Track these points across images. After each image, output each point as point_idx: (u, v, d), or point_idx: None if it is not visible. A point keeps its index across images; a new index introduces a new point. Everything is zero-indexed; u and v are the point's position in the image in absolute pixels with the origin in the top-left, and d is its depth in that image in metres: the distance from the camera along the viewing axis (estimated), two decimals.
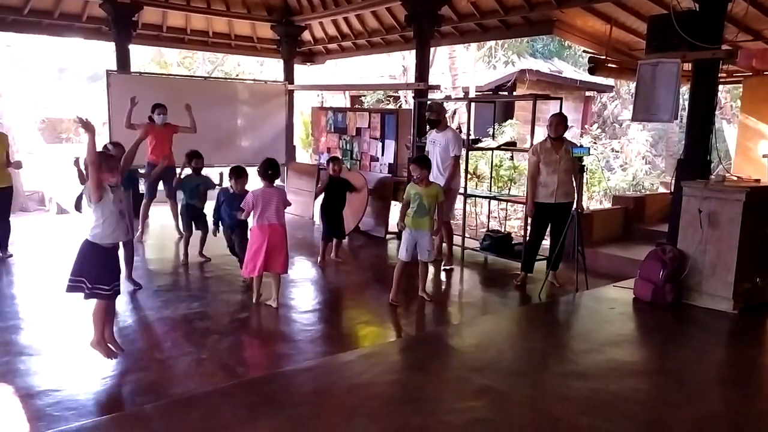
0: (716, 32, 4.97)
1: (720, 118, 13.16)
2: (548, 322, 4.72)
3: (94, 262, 3.46)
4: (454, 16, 7.99)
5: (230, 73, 17.21)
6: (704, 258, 4.64)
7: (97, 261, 3.46)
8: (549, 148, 5.33)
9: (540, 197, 5.39)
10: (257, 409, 2.92)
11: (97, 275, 3.45)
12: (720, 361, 3.96)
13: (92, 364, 3.58)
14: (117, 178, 3.49)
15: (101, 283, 3.46)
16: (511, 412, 3.03)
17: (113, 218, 3.45)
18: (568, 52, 15.07)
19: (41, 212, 11.07)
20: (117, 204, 3.46)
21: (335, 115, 8.95)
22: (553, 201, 5.32)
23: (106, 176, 3.40)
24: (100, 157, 3.41)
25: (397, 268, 4.93)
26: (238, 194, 5.19)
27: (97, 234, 3.44)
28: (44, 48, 19.02)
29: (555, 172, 5.29)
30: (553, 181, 5.30)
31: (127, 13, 8.50)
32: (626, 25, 7.19)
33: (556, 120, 5.32)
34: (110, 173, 3.42)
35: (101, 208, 3.41)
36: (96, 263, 3.46)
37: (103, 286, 3.47)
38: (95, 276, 3.44)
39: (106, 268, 3.50)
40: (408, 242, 4.86)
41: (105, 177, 3.40)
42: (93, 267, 3.45)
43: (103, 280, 3.47)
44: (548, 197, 5.34)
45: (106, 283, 3.48)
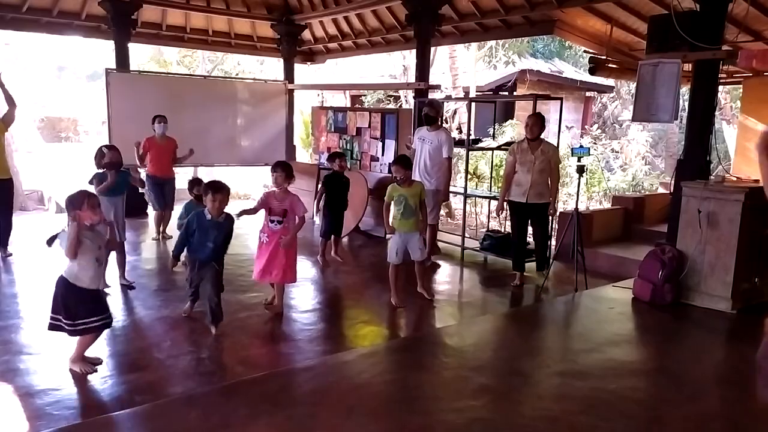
0: (717, 33, 4.98)
1: (720, 119, 13.16)
2: (547, 322, 4.73)
3: (70, 299, 3.35)
4: (454, 15, 7.99)
5: (230, 72, 17.20)
6: (703, 258, 4.65)
7: (73, 298, 3.35)
8: (525, 148, 5.41)
9: (513, 196, 5.47)
10: (257, 408, 2.92)
11: (74, 311, 3.35)
12: (718, 360, 3.97)
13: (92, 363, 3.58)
14: (99, 216, 3.38)
15: (81, 318, 3.36)
16: (510, 411, 3.03)
17: (90, 266, 3.35)
18: (569, 53, 15.07)
19: (40, 211, 11.07)
20: (95, 251, 3.36)
21: (335, 114, 8.94)
22: (525, 201, 5.38)
23: (86, 215, 3.30)
24: (79, 195, 3.33)
25: (391, 272, 4.94)
26: (216, 222, 4.05)
27: (74, 276, 3.34)
28: (43, 46, 19.02)
29: (529, 172, 5.34)
30: (527, 180, 5.34)
31: (126, 11, 8.49)
32: (627, 25, 7.20)
33: (532, 121, 5.38)
34: (92, 212, 3.33)
35: (78, 257, 3.32)
36: (72, 300, 3.35)
37: (88, 319, 3.38)
38: (72, 312, 3.34)
39: (83, 303, 3.38)
40: (398, 245, 4.86)
41: (86, 216, 3.30)
42: (69, 304, 3.35)
43: (83, 314, 3.37)
44: (520, 196, 5.41)
45: (91, 315, 3.39)
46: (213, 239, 4.05)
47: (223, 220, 4.09)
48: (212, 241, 4.05)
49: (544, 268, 5.62)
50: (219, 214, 4.05)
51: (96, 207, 3.39)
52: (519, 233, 5.62)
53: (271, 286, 4.77)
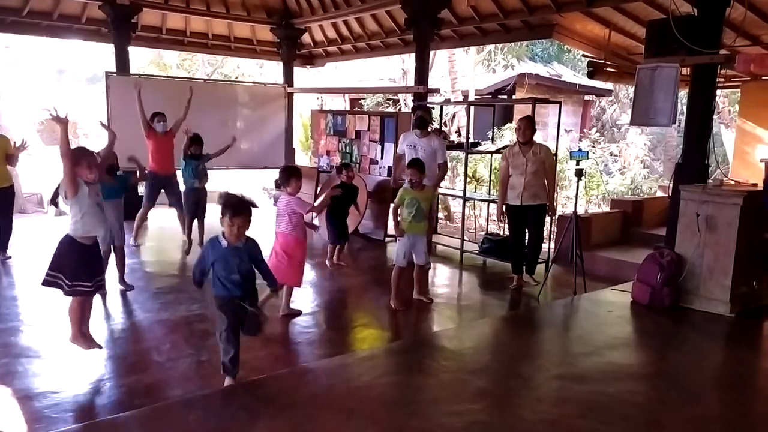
0: (714, 37, 5.01)
1: (718, 123, 13.20)
2: (546, 325, 4.73)
3: (72, 258, 3.42)
4: (453, 19, 8.02)
5: (230, 76, 17.23)
6: (702, 261, 4.66)
7: (76, 257, 3.43)
8: (517, 151, 5.44)
9: (509, 199, 5.51)
10: (256, 411, 2.93)
11: (75, 271, 3.42)
12: (717, 364, 3.97)
13: (91, 366, 3.58)
14: (95, 174, 3.45)
15: (80, 280, 3.43)
16: (509, 414, 3.04)
17: (91, 212, 3.42)
18: (568, 56, 15.12)
19: (39, 214, 11.05)
20: (93, 197, 3.44)
21: (335, 117, 8.96)
22: (520, 203, 5.41)
23: (83, 172, 3.39)
24: (77, 153, 3.39)
25: (395, 274, 4.93)
26: (234, 248, 3.17)
27: (77, 229, 3.42)
28: (43, 49, 19.03)
29: (522, 175, 5.37)
30: (520, 183, 5.37)
31: (126, 14, 8.52)
32: (625, 29, 7.23)
33: (524, 124, 5.42)
34: (88, 169, 3.40)
35: (77, 203, 3.39)
36: (75, 259, 3.42)
37: (83, 282, 3.44)
38: (74, 272, 3.41)
39: (85, 264, 3.47)
40: (405, 248, 4.87)
41: (82, 173, 3.39)
42: (71, 263, 3.42)
43: (83, 276, 3.44)
44: (515, 199, 5.44)
45: (86, 279, 3.46)
46: (237, 269, 3.18)
47: (243, 244, 3.20)
48: (236, 272, 3.19)
49: (533, 272, 5.63)
50: (238, 240, 3.18)
51: (93, 166, 3.44)
52: (516, 236, 5.63)
53: None
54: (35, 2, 8.34)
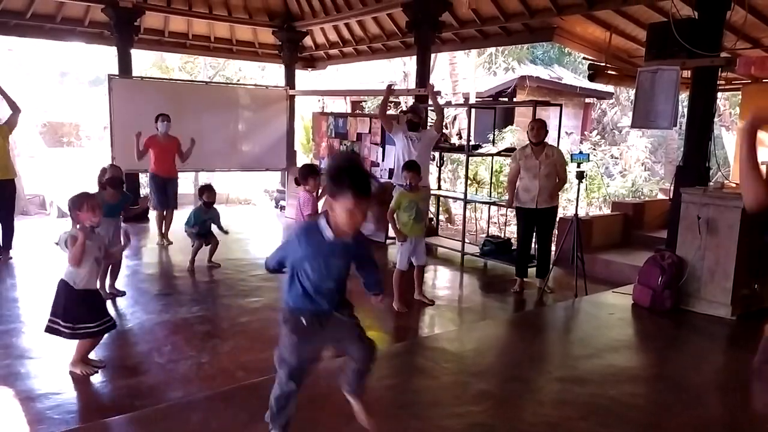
0: (715, 40, 5.01)
1: (719, 125, 13.19)
2: (547, 328, 4.73)
3: (71, 303, 3.41)
4: (454, 22, 8.04)
5: (231, 78, 17.26)
6: (703, 264, 4.65)
7: (75, 301, 3.42)
8: (529, 153, 5.40)
9: (523, 202, 5.45)
10: (257, 414, 2.92)
11: (77, 314, 3.41)
12: (718, 367, 3.97)
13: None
14: (98, 218, 3.45)
15: (84, 322, 3.42)
16: (510, 417, 3.04)
17: (90, 267, 3.43)
18: (568, 59, 15.13)
19: (42, 216, 11.08)
20: (95, 253, 3.44)
21: (336, 120, 8.98)
22: (535, 206, 5.37)
23: (86, 216, 3.37)
24: (80, 197, 3.39)
25: (397, 277, 4.93)
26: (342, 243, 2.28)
27: (73, 280, 3.41)
28: (46, 52, 19.08)
29: (536, 178, 5.34)
30: (535, 186, 5.34)
31: (128, 17, 8.55)
32: (626, 32, 7.24)
33: (538, 125, 5.39)
34: (91, 212, 3.39)
35: None
36: (74, 303, 3.42)
37: (88, 323, 3.44)
38: (75, 316, 3.40)
39: (86, 306, 3.46)
40: (408, 251, 4.87)
41: (85, 218, 3.37)
42: (71, 307, 3.41)
43: (85, 317, 3.43)
44: (530, 202, 5.40)
45: (90, 320, 3.45)
46: (337, 273, 2.37)
47: (353, 240, 2.29)
48: (334, 277, 2.38)
49: (545, 275, 5.62)
50: (354, 231, 2.25)
51: (96, 208, 3.43)
52: (525, 239, 5.61)
53: None
54: (38, 5, 8.38)
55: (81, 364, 3.51)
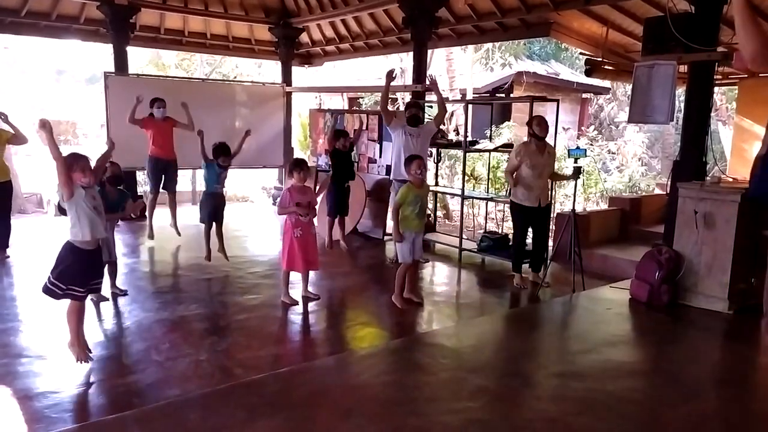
0: (711, 34, 5.01)
1: (715, 120, 13.20)
2: (545, 323, 4.74)
3: (70, 263, 3.45)
4: (451, 18, 8.02)
5: (228, 75, 17.21)
6: (700, 259, 4.67)
7: (74, 263, 3.45)
8: (534, 150, 5.34)
9: (525, 200, 5.41)
10: (255, 411, 2.93)
11: (71, 276, 3.45)
12: (715, 361, 3.99)
13: (90, 366, 3.59)
14: (89, 178, 3.46)
15: (74, 284, 3.47)
16: (508, 412, 3.05)
17: (88, 216, 3.43)
18: (565, 54, 15.12)
19: (39, 214, 11.06)
20: (90, 201, 3.45)
21: (333, 116, 8.96)
22: (538, 205, 5.37)
23: (78, 176, 3.40)
24: (70, 158, 3.41)
25: (401, 272, 4.87)
26: None
27: (76, 233, 3.44)
28: (42, 50, 19.02)
29: (540, 177, 5.34)
30: (538, 185, 5.34)
31: (124, 14, 8.52)
32: (622, 27, 7.23)
33: (537, 121, 5.34)
34: (82, 173, 3.41)
35: (74, 207, 3.41)
36: (72, 264, 3.45)
37: (77, 287, 3.48)
38: (69, 277, 3.44)
39: (82, 269, 3.49)
40: (410, 245, 4.80)
41: (77, 177, 3.40)
42: (68, 268, 3.45)
43: (77, 281, 3.47)
44: (533, 201, 5.37)
45: (80, 284, 3.49)
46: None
47: None
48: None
49: (539, 269, 5.64)
50: None
51: (86, 169, 3.45)
52: (522, 235, 5.61)
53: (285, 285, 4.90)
54: (33, 3, 8.34)
55: (77, 347, 3.54)
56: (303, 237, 4.78)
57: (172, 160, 7.14)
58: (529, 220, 5.52)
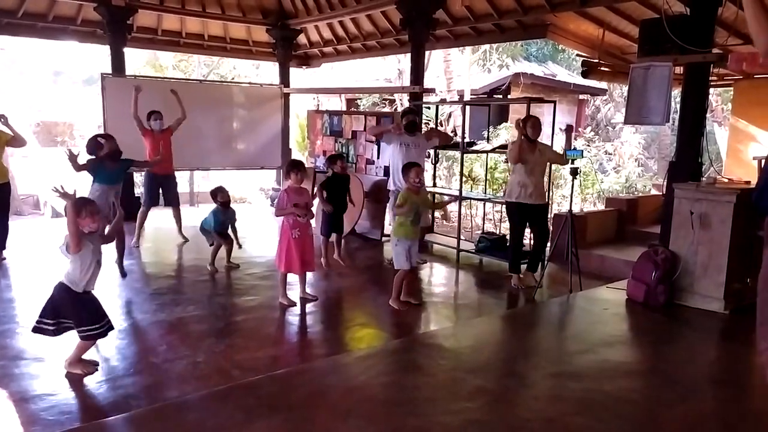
0: (707, 36, 5.03)
1: (711, 121, 13.23)
2: (542, 323, 4.75)
3: (77, 306, 3.44)
4: (448, 19, 8.04)
5: (226, 77, 17.21)
6: (696, 259, 4.69)
7: (80, 305, 3.44)
8: (525, 148, 5.38)
9: (520, 198, 5.44)
10: (253, 412, 2.94)
11: (80, 317, 3.44)
12: (712, 361, 4.01)
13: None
14: (98, 224, 3.44)
15: (89, 324, 3.45)
16: (506, 412, 3.05)
17: (91, 269, 3.43)
18: (562, 56, 15.16)
19: (36, 216, 11.05)
20: (96, 254, 3.45)
21: (331, 118, 8.97)
22: (532, 202, 5.40)
23: (86, 222, 3.36)
24: (78, 204, 3.37)
25: (400, 277, 4.86)
26: None
27: (74, 282, 3.41)
28: (39, 51, 18.99)
29: (533, 174, 5.37)
30: (531, 182, 5.37)
31: (121, 16, 8.51)
32: (619, 29, 7.26)
33: (531, 122, 5.38)
34: (90, 219, 3.38)
35: (80, 260, 3.40)
36: (80, 307, 3.44)
37: (91, 326, 3.46)
38: (80, 318, 3.43)
39: (92, 309, 3.49)
40: (406, 251, 4.79)
41: (85, 224, 3.36)
42: (79, 310, 3.44)
43: (91, 320, 3.46)
44: (527, 198, 5.41)
45: (93, 322, 3.47)
46: None
47: None
48: None
49: (536, 269, 5.66)
50: None
51: (95, 214, 3.42)
52: (519, 234, 5.63)
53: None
54: (30, 4, 8.33)
55: (79, 364, 3.51)
56: (301, 238, 4.78)
57: (169, 175, 7.12)
58: (523, 218, 5.54)
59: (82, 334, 3.46)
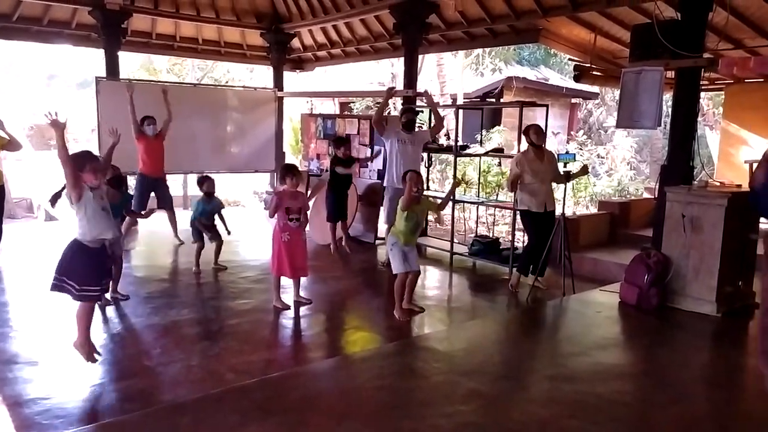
0: (698, 41, 5.08)
1: (702, 125, 13.36)
2: (536, 326, 4.77)
3: (80, 263, 3.41)
4: (441, 24, 8.08)
5: (220, 80, 17.20)
6: (688, 262, 4.71)
7: (84, 261, 3.42)
8: (533, 158, 5.43)
9: (531, 206, 5.45)
10: (247, 416, 2.93)
11: (85, 276, 3.42)
12: (704, 363, 4.03)
13: (81, 371, 3.57)
14: (99, 180, 3.44)
15: (89, 285, 3.43)
16: (500, 415, 3.06)
17: (98, 216, 3.41)
18: (554, 60, 15.25)
19: (29, 219, 10.99)
20: (99, 201, 3.43)
21: (324, 121, 8.98)
22: (545, 210, 5.41)
23: (87, 177, 3.36)
24: (80, 157, 3.38)
25: (399, 284, 4.78)
26: None
27: (84, 233, 3.41)
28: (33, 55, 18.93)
29: (543, 182, 5.40)
30: (542, 190, 5.39)
31: (116, 20, 8.50)
32: (610, 33, 7.32)
33: (533, 130, 5.44)
34: (92, 174, 3.38)
35: (83, 208, 3.38)
36: (83, 263, 3.42)
37: (92, 286, 3.45)
38: (83, 277, 3.41)
39: (93, 268, 3.46)
40: (402, 256, 4.72)
41: (87, 178, 3.36)
42: (80, 267, 3.41)
43: (91, 280, 3.44)
44: (539, 206, 5.42)
45: (95, 283, 3.46)
46: None
47: None
48: None
49: (544, 273, 5.68)
50: None
51: (98, 171, 3.42)
52: (539, 242, 5.47)
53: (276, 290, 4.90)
54: (25, 8, 8.31)
55: (85, 347, 3.51)
56: (291, 242, 4.73)
57: (160, 178, 7.18)
58: (539, 225, 5.52)
59: (81, 293, 3.41)
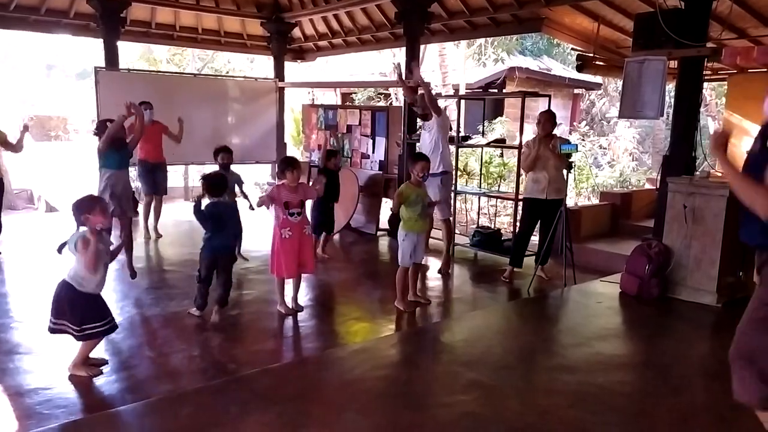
0: (701, 30, 5.04)
1: (705, 115, 13.29)
2: (537, 317, 4.77)
3: (77, 304, 3.35)
4: (443, 13, 8.02)
5: (220, 70, 17.13)
6: (689, 253, 4.71)
7: (81, 303, 3.35)
8: (539, 144, 5.39)
9: (532, 193, 5.45)
10: (248, 406, 2.94)
11: (84, 314, 3.35)
12: (704, 354, 4.03)
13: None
14: (109, 220, 3.43)
15: (92, 322, 3.37)
16: (500, 405, 3.07)
17: (99, 272, 3.38)
18: (557, 50, 15.15)
19: (30, 210, 10.99)
20: (104, 258, 3.40)
21: (326, 112, 8.95)
22: (545, 197, 5.39)
23: (97, 219, 3.31)
24: (88, 201, 3.35)
25: (401, 276, 4.73)
26: None
27: (79, 283, 3.34)
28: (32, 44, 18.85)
29: (545, 168, 5.36)
30: (544, 177, 5.36)
31: (115, 9, 8.44)
32: (613, 23, 7.26)
33: (545, 117, 5.40)
34: (103, 215, 3.34)
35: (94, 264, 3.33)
36: (80, 304, 3.35)
37: (95, 323, 3.38)
38: (83, 316, 3.34)
39: (94, 302, 3.41)
40: (411, 247, 4.65)
41: (98, 220, 3.31)
42: (77, 308, 3.34)
43: (95, 317, 3.38)
44: (540, 193, 5.40)
45: (98, 319, 3.40)
46: None
47: None
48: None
49: (546, 262, 5.67)
50: None
51: (106, 210, 3.41)
52: (528, 229, 5.60)
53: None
54: None
55: (84, 366, 3.46)
56: (293, 238, 4.50)
57: (160, 163, 7.20)
58: (534, 214, 5.52)
59: (83, 333, 3.35)
